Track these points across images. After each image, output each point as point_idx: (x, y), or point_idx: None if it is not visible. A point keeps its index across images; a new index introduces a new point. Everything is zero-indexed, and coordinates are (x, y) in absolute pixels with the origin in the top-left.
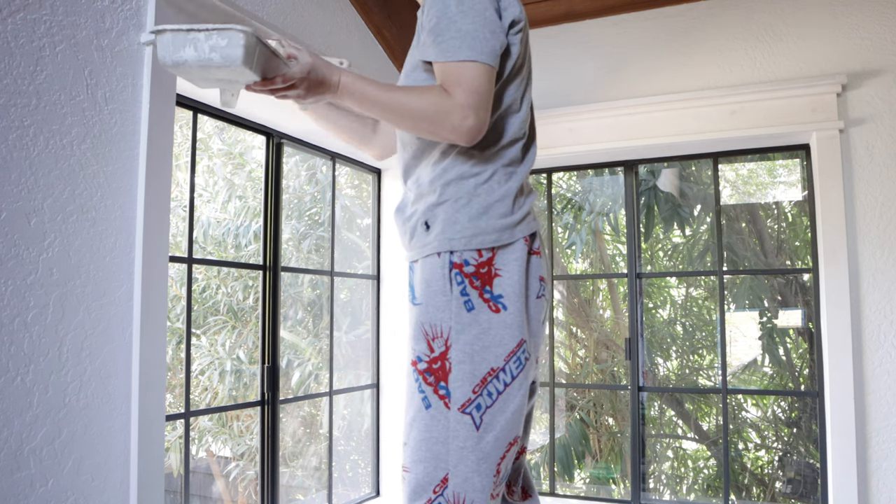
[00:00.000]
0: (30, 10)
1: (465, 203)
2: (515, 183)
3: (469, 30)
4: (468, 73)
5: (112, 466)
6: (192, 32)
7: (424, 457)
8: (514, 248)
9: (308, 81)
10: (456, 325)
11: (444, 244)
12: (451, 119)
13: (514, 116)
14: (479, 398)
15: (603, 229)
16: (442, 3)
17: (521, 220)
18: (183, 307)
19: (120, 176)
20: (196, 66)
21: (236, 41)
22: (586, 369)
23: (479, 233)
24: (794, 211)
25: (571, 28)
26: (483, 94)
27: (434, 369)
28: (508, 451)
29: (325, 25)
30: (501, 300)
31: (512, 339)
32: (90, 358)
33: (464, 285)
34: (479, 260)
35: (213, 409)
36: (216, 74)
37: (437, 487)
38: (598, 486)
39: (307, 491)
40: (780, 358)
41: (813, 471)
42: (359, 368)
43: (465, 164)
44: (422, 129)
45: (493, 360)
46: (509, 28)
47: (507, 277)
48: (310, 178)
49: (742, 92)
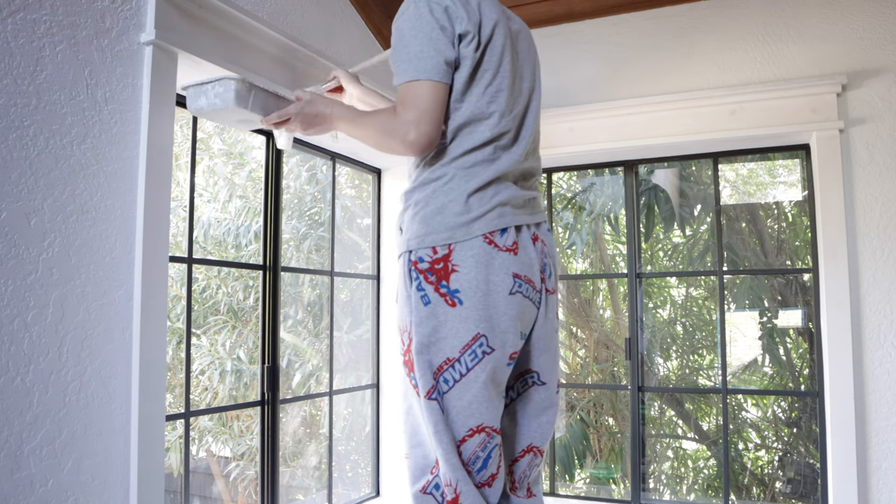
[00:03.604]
0: (30, 10)
1: (423, 206)
2: (476, 181)
3: (416, 52)
4: (411, 93)
5: (112, 466)
6: (204, 85)
7: (419, 441)
8: (472, 245)
9: (303, 115)
10: (415, 318)
11: (403, 245)
12: (398, 133)
13: (481, 123)
14: (438, 385)
15: (603, 229)
16: (398, 31)
17: (481, 216)
18: (183, 307)
19: (120, 176)
20: (210, 111)
21: (229, 87)
22: (586, 369)
23: (431, 231)
24: (794, 211)
25: (571, 28)
26: (424, 109)
27: (406, 361)
28: (472, 436)
29: (325, 25)
30: (458, 295)
31: (467, 333)
32: (90, 358)
33: (419, 281)
34: (434, 256)
35: (213, 409)
36: (231, 115)
37: (433, 468)
38: (599, 486)
39: (307, 491)
40: (780, 358)
41: (813, 471)
42: (359, 369)
43: (427, 171)
44: (383, 146)
45: (449, 350)
46: (459, 41)
47: (465, 273)
48: (310, 178)
49: (742, 92)
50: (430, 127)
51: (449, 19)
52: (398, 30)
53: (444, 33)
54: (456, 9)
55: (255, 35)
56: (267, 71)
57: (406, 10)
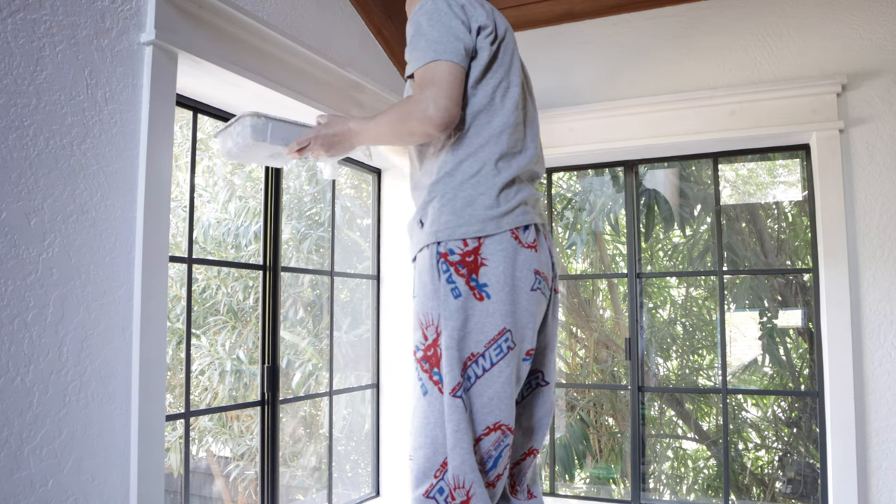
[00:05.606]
0: (30, 10)
1: (451, 198)
2: (503, 177)
3: (435, 37)
4: (431, 72)
5: (112, 466)
6: (227, 129)
7: (424, 443)
8: (501, 239)
9: (322, 138)
10: (444, 311)
11: (431, 236)
12: (417, 111)
13: (496, 114)
14: (464, 382)
15: (603, 229)
16: (416, 24)
17: (509, 212)
18: (183, 307)
19: (120, 176)
20: (237, 150)
21: (245, 124)
22: (586, 369)
23: (462, 223)
24: (794, 211)
25: (571, 28)
26: (445, 86)
27: (428, 356)
28: (488, 434)
29: (325, 25)
30: (486, 289)
31: (493, 328)
32: (90, 358)
33: (449, 273)
34: (465, 249)
35: (213, 409)
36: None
37: (437, 472)
38: (599, 486)
39: (307, 491)
40: (780, 358)
41: (813, 471)
42: (359, 368)
43: (450, 162)
44: (403, 131)
45: (474, 345)
46: (477, 34)
47: (493, 267)
48: (310, 178)
49: (742, 92)
50: (450, 102)
51: (466, 14)
52: (416, 23)
53: (463, 23)
54: (473, 7)
55: (255, 35)
56: (267, 71)
57: (423, 6)
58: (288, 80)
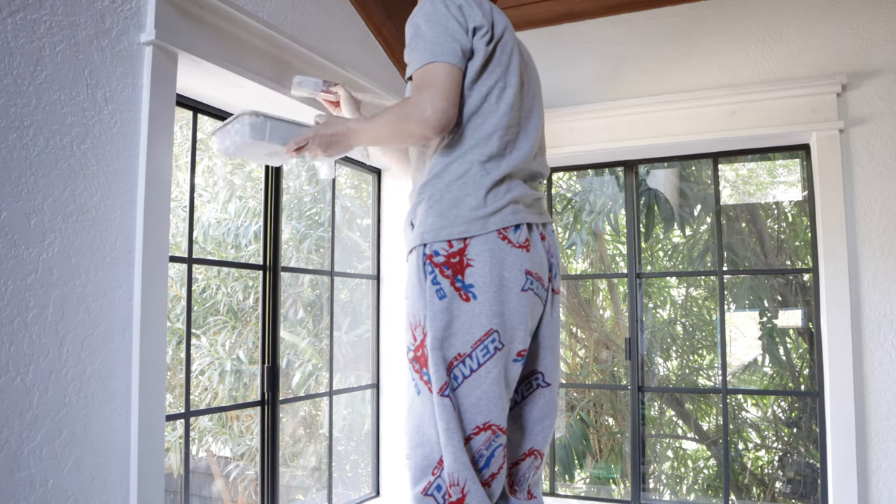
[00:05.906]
0: (30, 10)
1: (438, 199)
2: (492, 177)
3: (432, 39)
4: (427, 74)
5: (112, 466)
6: (225, 126)
7: (420, 442)
8: (487, 240)
9: (319, 138)
10: (430, 312)
11: (418, 238)
12: (415, 113)
13: (489, 117)
14: (450, 380)
15: (603, 229)
16: (414, 26)
17: (496, 211)
18: (183, 307)
19: (120, 176)
20: (235, 149)
21: (244, 122)
22: (586, 369)
23: (447, 224)
24: (794, 211)
25: (571, 28)
26: (442, 87)
27: (418, 357)
28: (478, 434)
29: (325, 25)
30: (472, 290)
31: (480, 328)
32: (90, 358)
33: (434, 274)
34: (450, 250)
35: (213, 410)
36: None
37: (434, 469)
38: (599, 486)
39: (307, 491)
40: (780, 358)
41: (813, 471)
42: (359, 368)
43: (439, 164)
44: (401, 132)
45: (460, 346)
46: (473, 34)
47: (479, 268)
48: (310, 178)
49: (742, 92)
50: (447, 103)
51: (463, 15)
52: (414, 25)
53: (460, 25)
54: (470, 8)
55: (255, 35)
56: (267, 71)
57: (422, 7)
58: (288, 80)
